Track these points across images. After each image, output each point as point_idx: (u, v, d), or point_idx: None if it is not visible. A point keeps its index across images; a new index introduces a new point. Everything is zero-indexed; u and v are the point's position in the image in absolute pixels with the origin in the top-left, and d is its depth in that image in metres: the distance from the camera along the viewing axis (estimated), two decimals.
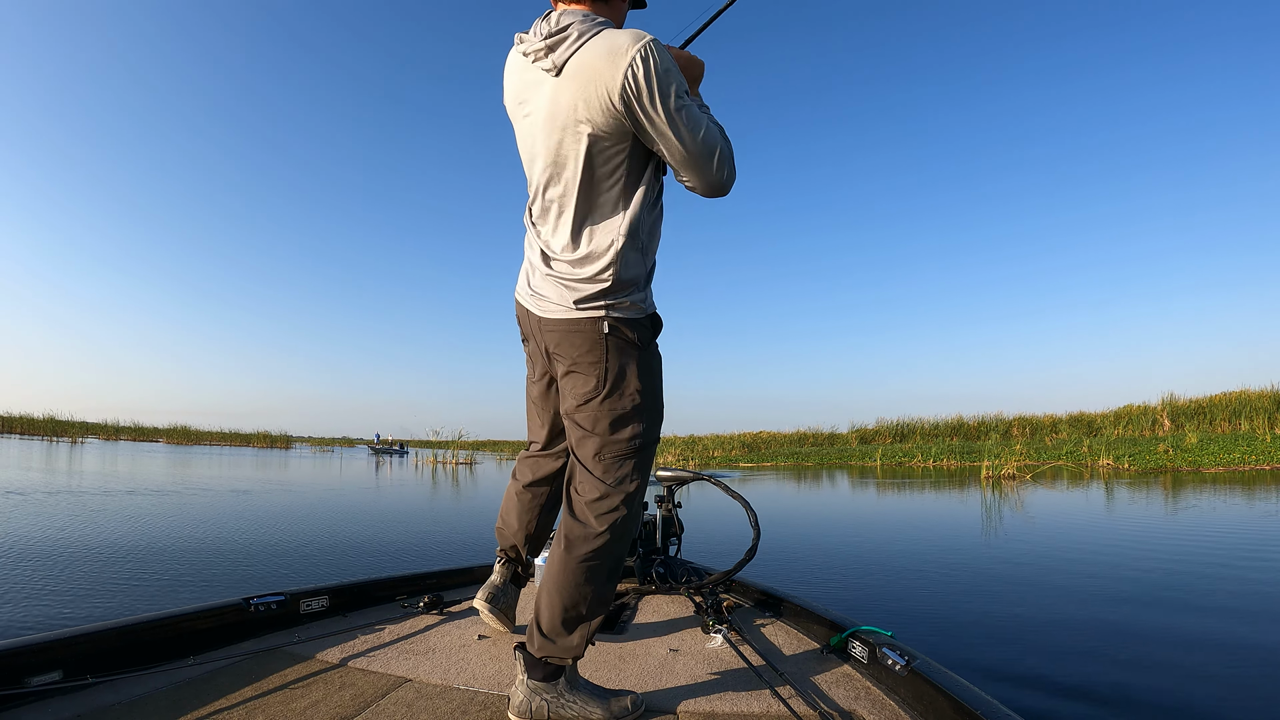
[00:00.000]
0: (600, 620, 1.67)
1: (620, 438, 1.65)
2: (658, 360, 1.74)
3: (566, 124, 1.52)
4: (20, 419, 45.62)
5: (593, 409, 1.63)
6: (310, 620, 2.32)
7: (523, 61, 1.61)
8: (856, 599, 4.05)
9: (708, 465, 25.73)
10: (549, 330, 1.65)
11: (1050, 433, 28.81)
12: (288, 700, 1.63)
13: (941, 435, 31.87)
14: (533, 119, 1.61)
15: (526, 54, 1.57)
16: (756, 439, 39.98)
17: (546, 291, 1.65)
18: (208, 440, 50.48)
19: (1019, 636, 3.24)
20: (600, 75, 1.45)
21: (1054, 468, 17.31)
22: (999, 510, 8.73)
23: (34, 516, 6.70)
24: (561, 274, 1.62)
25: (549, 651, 1.60)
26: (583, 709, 1.58)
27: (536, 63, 1.55)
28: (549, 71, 1.52)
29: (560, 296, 1.62)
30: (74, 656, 1.69)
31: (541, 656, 1.60)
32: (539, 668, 1.60)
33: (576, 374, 1.64)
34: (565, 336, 1.62)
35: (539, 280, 1.68)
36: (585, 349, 1.61)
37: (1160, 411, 25.81)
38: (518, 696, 1.59)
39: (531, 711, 1.56)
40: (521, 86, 1.63)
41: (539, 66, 1.55)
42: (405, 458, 34.94)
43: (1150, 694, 2.50)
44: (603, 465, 1.65)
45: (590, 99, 1.47)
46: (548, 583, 1.63)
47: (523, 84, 1.62)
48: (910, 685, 1.69)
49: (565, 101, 1.50)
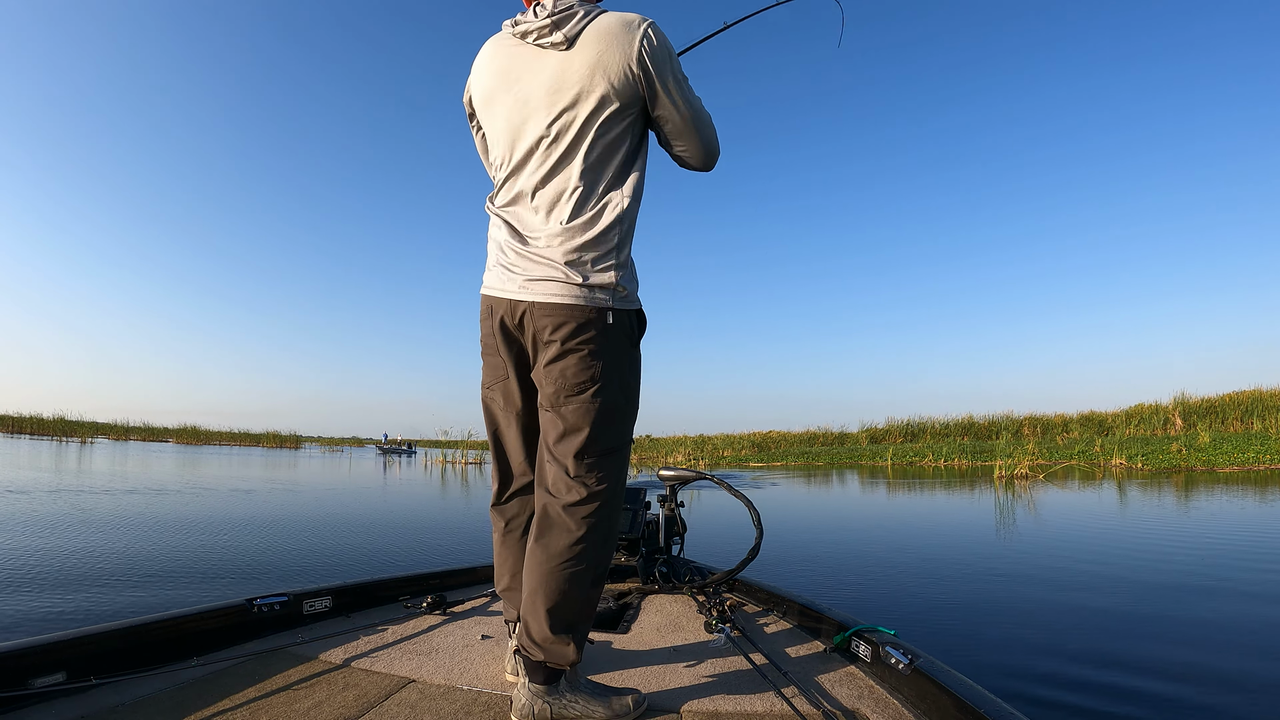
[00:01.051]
0: (591, 623, 1.65)
1: (607, 436, 1.60)
2: (640, 361, 1.72)
3: (582, 89, 1.53)
4: (30, 419, 45.92)
5: (583, 402, 1.56)
6: (313, 621, 2.32)
7: (511, 43, 1.62)
8: (862, 599, 4.03)
9: (718, 465, 25.72)
10: (544, 314, 1.55)
11: (1061, 432, 28.66)
12: (291, 701, 1.63)
13: (952, 435, 31.76)
14: (525, 92, 1.59)
15: (529, 32, 1.57)
16: (766, 439, 39.95)
17: (539, 272, 1.56)
18: (217, 440, 50.74)
19: (1026, 637, 3.21)
20: (619, 40, 1.51)
21: (1067, 467, 17.21)
22: (1011, 510, 8.68)
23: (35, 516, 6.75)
24: (558, 249, 1.55)
25: (543, 658, 1.57)
26: (585, 708, 1.57)
27: (540, 40, 1.56)
28: (558, 45, 1.54)
29: (559, 274, 1.54)
30: (78, 658, 1.69)
31: (538, 662, 1.58)
32: (539, 671, 1.57)
33: (571, 361, 1.55)
34: (566, 318, 1.54)
35: (526, 263, 1.58)
36: (586, 335, 1.55)
37: (1172, 411, 25.63)
38: (520, 699, 1.57)
39: (534, 713, 1.55)
40: (510, 65, 1.61)
41: (545, 42, 1.56)
42: (413, 457, 35.06)
43: (1157, 696, 2.48)
44: (585, 465, 1.58)
45: (609, 64, 1.52)
46: (531, 592, 1.58)
47: (511, 62, 1.61)
48: (914, 684, 1.67)
49: (578, 67, 1.53)
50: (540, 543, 1.58)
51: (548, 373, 1.58)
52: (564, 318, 1.54)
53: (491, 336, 1.67)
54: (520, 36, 1.59)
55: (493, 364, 1.72)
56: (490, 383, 1.75)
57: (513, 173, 1.63)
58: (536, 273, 1.56)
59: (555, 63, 1.55)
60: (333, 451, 45.79)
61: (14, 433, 43.81)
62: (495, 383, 1.73)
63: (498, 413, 1.77)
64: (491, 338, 1.67)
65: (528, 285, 1.57)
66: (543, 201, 1.59)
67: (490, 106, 1.65)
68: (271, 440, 51.49)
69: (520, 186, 1.62)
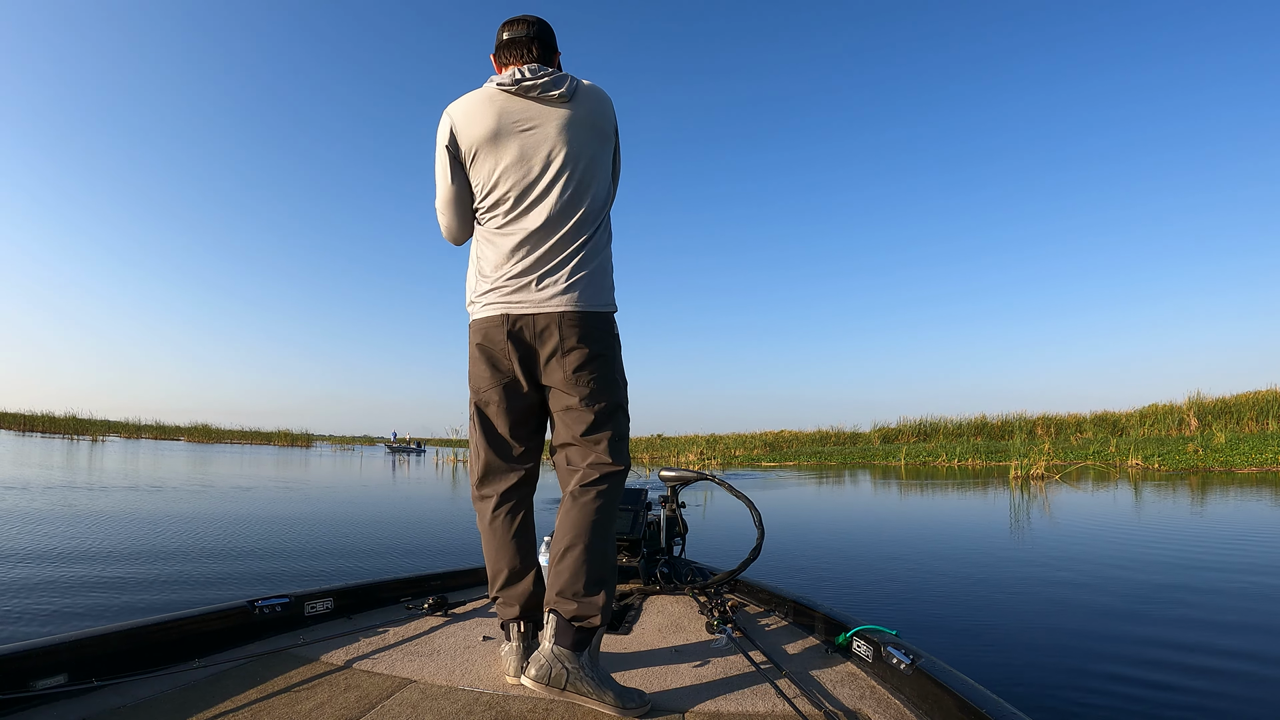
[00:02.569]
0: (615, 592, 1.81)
1: (621, 424, 1.91)
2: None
3: (587, 136, 1.88)
4: (42, 417, 46.47)
5: (608, 397, 1.86)
6: (315, 622, 2.33)
7: (506, 97, 1.86)
8: (867, 600, 4.01)
9: (730, 464, 25.71)
10: (571, 324, 1.81)
11: (1074, 432, 28.43)
12: (293, 702, 1.64)
13: (965, 434, 31.57)
14: (540, 134, 1.84)
15: (532, 87, 1.83)
16: (779, 438, 39.89)
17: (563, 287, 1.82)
18: (229, 439, 51.12)
19: (1031, 638, 3.19)
20: (603, 103, 1.92)
21: (1082, 468, 17.04)
22: (1027, 511, 8.59)
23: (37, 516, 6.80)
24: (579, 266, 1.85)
25: (582, 612, 1.68)
26: (597, 689, 1.60)
27: (543, 94, 1.84)
28: (560, 100, 1.84)
29: (579, 288, 1.84)
30: (79, 659, 1.70)
31: (573, 618, 1.67)
32: (570, 633, 1.66)
33: (598, 364, 1.84)
34: (589, 327, 1.83)
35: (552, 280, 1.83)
36: (605, 341, 1.86)
37: (1186, 411, 25.34)
38: (538, 662, 1.63)
39: (550, 678, 1.60)
40: (514, 112, 1.85)
41: (546, 96, 1.84)
42: (423, 456, 35.12)
43: (1164, 699, 2.45)
44: (608, 449, 1.85)
45: (599, 120, 1.90)
46: (568, 547, 1.74)
47: (516, 110, 1.85)
48: (915, 684, 1.67)
49: (583, 118, 1.87)
50: (578, 503, 1.78)
51: (577, 376, 1.83)
52: (588, 328, 1.83)
53: (502, 345, 1.85)
54: (518, 91, 1.84)
55: (495, 369, 1.89)
56: (488, 386, 1.91)
57: (530, 202, 1.85)
58: (561, 287, 1.82)
59: (563, 113, 1.85)
60: (344, 450, 46.07)
61: (26, 431, 44.26)
62: (494, 386, 1.90)
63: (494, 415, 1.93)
64: (502, 345, 1.85)
65: (555, 300, 1.82)
66: (561, 227, 1.85)
67: (497, 144, 1.85)
68: (283, 439, 51.73)
69: (539, 214, 1.85)
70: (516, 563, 1.89)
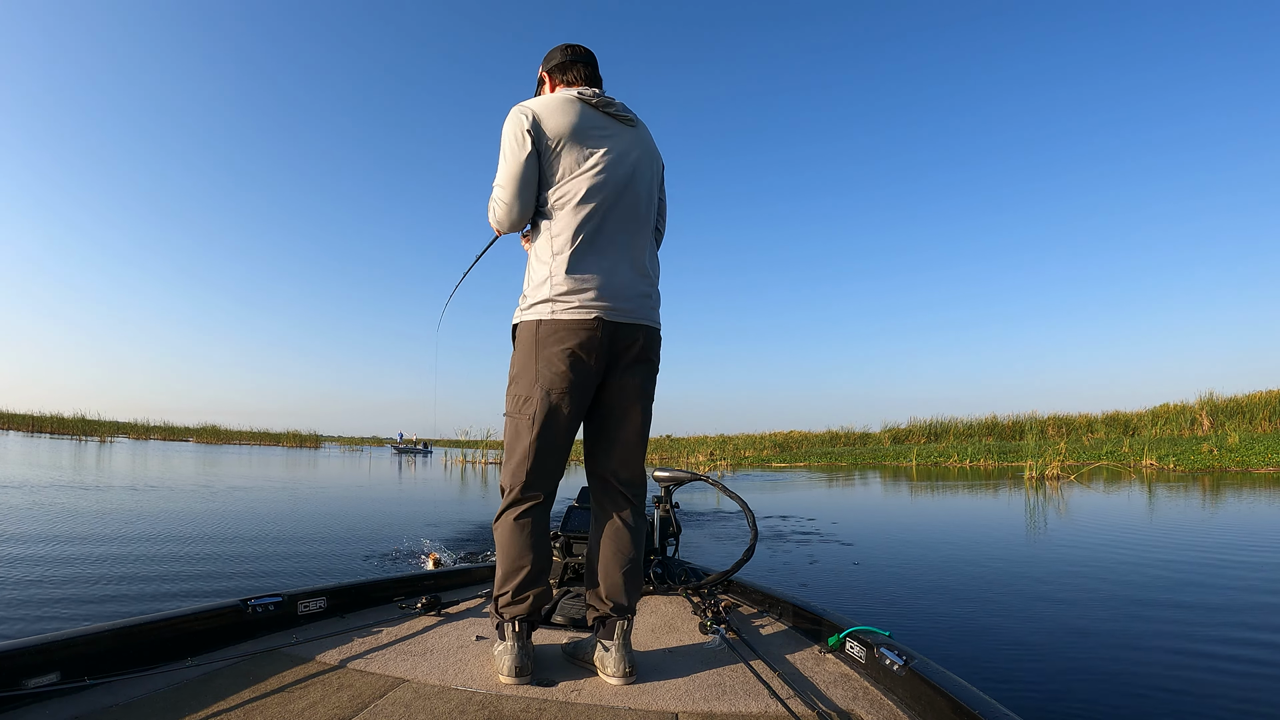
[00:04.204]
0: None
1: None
2: None
3: (658, 159, 2.08)
4: (51, 418, 46.67)
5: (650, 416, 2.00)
6: (308, 621, 2.33)
7: (587, 105, 1.93)
8: (868, 603, 3.99)
9: (740, 465, 25.70)
10: (652, 340, 1.96)
11: (1086, 432, 28.21)
12: (286, 702, 1.64)
13: (976, 435, 31.41)
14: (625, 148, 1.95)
15: (609, 104, 1.95)
16: (788, 439, 39.85)
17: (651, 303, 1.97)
18: (237, 439, 51.19)
19: (1031, 639, 3.16)
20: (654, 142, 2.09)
21: (1097, 468, 16.89)
22: (1043, 512, 8.51)
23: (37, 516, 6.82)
24: (654, 284, 2.00)
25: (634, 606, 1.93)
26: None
27: (620, 114, 1.96)
28: (630, 121, 1.98)
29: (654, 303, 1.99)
30: (71, 658, 1.70)
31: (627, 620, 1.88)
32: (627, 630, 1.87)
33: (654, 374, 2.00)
34: (659, 346, 2.01)
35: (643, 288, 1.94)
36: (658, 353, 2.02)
37: (1199, 410, 25.06)
38: (622, 661, 1.82)
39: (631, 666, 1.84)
40: (597, 120, 1.93)
41: (625, 115, 1.97)
42: (430, 457, 35.20)
43: (1165, 699, 2.43)
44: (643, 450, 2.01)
45: (657, 152, 2.09)
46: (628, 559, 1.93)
47: (598, 119, 1.94)
48: (908, 685, 1.67)
49: (651, 143, 2.05)
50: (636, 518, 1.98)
51: (644, 386, 1.96)
52: (659, 344, 2.01)
53: (595, 348, 1.83)
54: (599, 104, 1.93)
55: (577, 371, 1.84)
56: (566, 387, 1.85)
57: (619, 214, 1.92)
58: (651, 302, 1.96)
59: (636, 134, 1.99)
60: (352, 451, 46.21)
61: (35, 432, 44.37)
62: (573, 388, 1.86)
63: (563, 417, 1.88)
64: (594, 349, 1.83)
65: (646, 313, 1.93)
66: (645, 242, 1.98)
67: (582, 142, 1.89)
68: (291, 439, 51.76)
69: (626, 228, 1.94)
70: (543, 563, 1.93)
